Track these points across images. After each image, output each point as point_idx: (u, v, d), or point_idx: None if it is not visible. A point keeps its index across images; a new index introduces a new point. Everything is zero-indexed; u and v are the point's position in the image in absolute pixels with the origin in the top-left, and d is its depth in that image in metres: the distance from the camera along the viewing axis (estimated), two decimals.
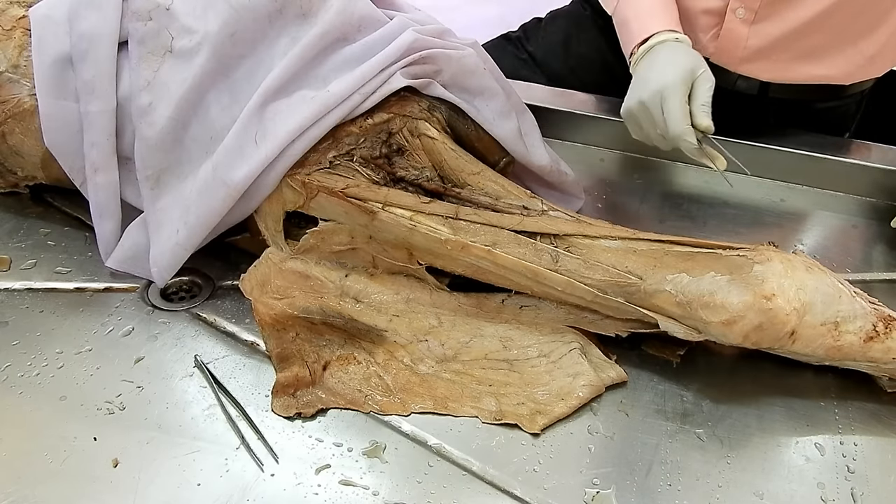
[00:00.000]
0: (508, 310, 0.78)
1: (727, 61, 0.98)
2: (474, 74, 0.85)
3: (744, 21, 0.95)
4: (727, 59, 0.97)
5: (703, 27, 0.97)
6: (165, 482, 0.62)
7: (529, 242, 0.74)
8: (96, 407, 0.68)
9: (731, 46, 0.97)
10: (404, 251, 0.78)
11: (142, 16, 0.78)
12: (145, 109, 0.76)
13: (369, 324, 0.76)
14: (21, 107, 0.81)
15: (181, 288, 0.81)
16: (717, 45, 0.97)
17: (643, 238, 0.73)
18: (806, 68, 0.97)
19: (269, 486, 0.62)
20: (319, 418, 0.68)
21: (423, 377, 0.71)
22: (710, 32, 0.97)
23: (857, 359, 0.69)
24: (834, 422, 0.70)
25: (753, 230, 0.94)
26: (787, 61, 0.96)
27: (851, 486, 0.65)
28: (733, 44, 0.96)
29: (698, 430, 0.69)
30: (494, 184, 0.80)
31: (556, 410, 0.69)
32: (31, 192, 0.90)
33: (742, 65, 0.98)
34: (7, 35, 0.82)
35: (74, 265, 0.82)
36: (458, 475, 0.64)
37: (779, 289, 0.66)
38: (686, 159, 1.03)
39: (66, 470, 0.63)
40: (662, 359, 0.75)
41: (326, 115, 0.77)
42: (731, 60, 0.98)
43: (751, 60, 0.97)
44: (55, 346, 0.73)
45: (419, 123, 0.82)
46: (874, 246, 0.92)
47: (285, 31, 0.81)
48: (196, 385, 0.70)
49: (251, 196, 0.77)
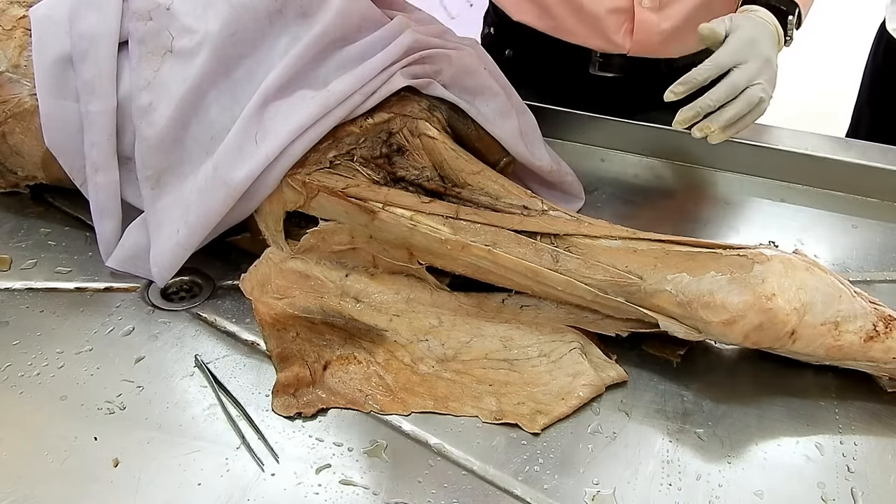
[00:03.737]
0: (508, 309, 0.78)
1: (646, 50, 1.01)
2: (474, 74, 0.85)
3: (651, 9, 0.98)
4: (646, 48, 1.01)
5: (614, 27, 1.00)
6: (166, 482, 0.62)
7: (530, 242, 0.74)
8: (97, 407, 0.68)
9: (647, 36, 1.00)
10: (404, 251, 0.78)
11: (142, 16, 0.78)
12: (145, 109, 0.77)
13: (370, 323, 0.76)
14: (21, 106, 0.81)
15: (181, 288, 0.81)
16: (633, 40, 1.00)
17: (643, 238, 0.73)
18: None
19: (269, 485, 0.62)
20: (320, 418, 0.68)
21: (424, 377, 0.71)
22: (622, 30, 1.00)
23: (857, 358, 0.69)
24: (834, 422, 0.70)
25: (753, 230, 0.94)
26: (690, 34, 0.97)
27: (851, 486, 0.65)
28: (648, 33, 1.00)
29: (698, 429, 0.69)
30: (495, 184, 0.80)
31: (556, 410, 0.69)
32: (31, 192, 0.90)
33: (660, 50, 1.01)
34: (7, 35, 0.83)
35: (75, 265, 0.82)
36: (459, 475, 0.64)
37: (779, 288, 0.66)
38: (686, 159, 1.04)
39: (67, 470, 0.63)
40: (663, 359, 0.75)
41: (327, 115, 0.77)
42: (650, 48, 1.01)
43: (667, 43, 1.00)
44: (55, 346, 0.73)
45: (419, 123, 0.82)
46: (874, 246, 0.91)
47: (286, 30, 0.81)
48: (196, 385, 0.70)
49: (251, 196, 0.77)
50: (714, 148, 1.01)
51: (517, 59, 1.12)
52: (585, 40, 1.03)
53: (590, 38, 1.02)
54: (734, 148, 1.01)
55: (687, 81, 0.83)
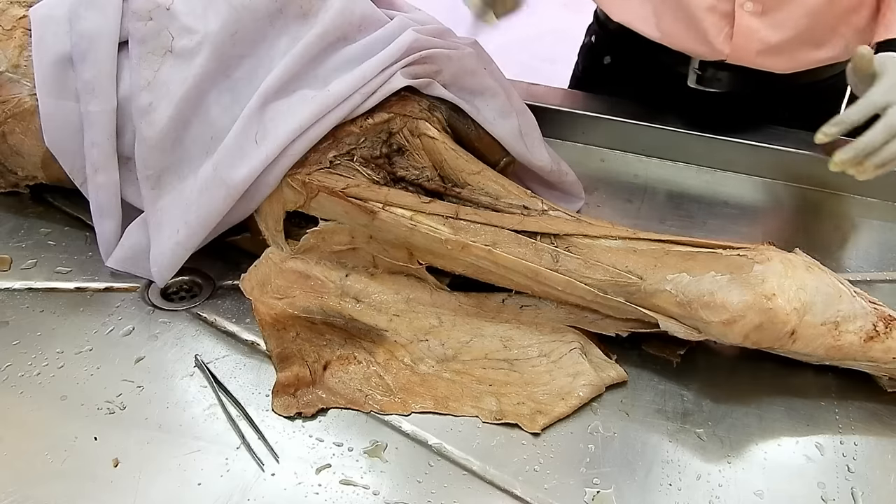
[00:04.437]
0: (509, 309, 0.78)
1: (744, 58, 0.98)
2: (474, 74, 0.85)
3: (753, 14, 0.95)
4: (743, 55, 0.98)
5: (714, 30, 0.97)
6: (166, 482, 0.62)
7: (530, 242, 0.74)
8: (97, 407, 0.68)
9: (746, 42, 0.97)
10: (404, 251, 0.78)
11: (142, 16, 0.78)
12: (146, 109, 0.76)
13: (370, 323, 0.76)
14: (21, 107, 0.81)
15: (181, 288, 0.81)
16: (732, 44, 0.97)
17: (643, 238, 0.73)
18: (816, 53, 0.97)
19: (269, 485, 0.62)
20: (320, 418, 0.68)
21: (424, 377, 0.71)
22: (722, 34, 0.97)
23: (857, 358, 0.69)
24: (834, 422, 0.70)
25: (753, 230, 0.94)
26: (798, 49, 0.97)
27: (851, 486, 0.65)
28: (747, 39, 0.97)
29: (698, 429, 0.69)
30: (495, 183, 0.80)
31: (556, 410, 0.69)
32: (31, 192, 0.90)
33: (758, 59, 0.98)
34: (7, 35, 0.82)
35: (75, 265, 0.82)
36: (459, 475, 0.64)
37: (779, 288, 0.66)
38: (686, 159, 1.04)
39: (67, 470, 0.63)
40: (662, 359, 0.75)
41: (327, 115, 0.77)
42: (748, 56, 0.98)
43: (765, 54, 0.97)
44: (55, 346, 0.73)
45: (419, 123, 0.82)
46: (874, 246, 0.92)
47: (286, 30, 0.81)
48: (196, 385, 0.70)
49: (251, 196, 0.77)
50: (714, 149, 1.02)
51: (615, 66, 1.11)
52: (684, 43, 1.00)
53: (688, 40, 0.99)
54: (734, 148, 1.01)
55: (840, 122, 0.83)
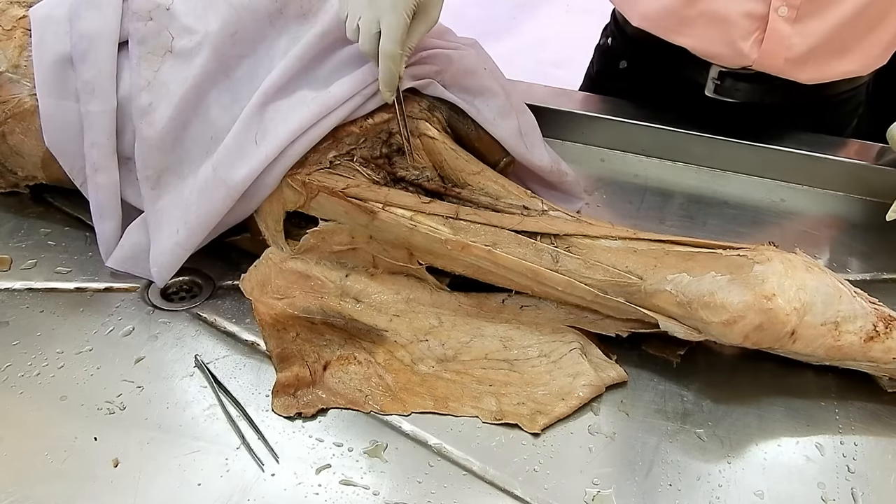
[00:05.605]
0: (508, 310, 0.78)
1: (771, 65, 0.95)
2: (475, 74, 0.85)
3: (786, 19, 0.92)
4: (771, 63, 0.95)
5: (744, 33, 0.94)
6: (166, 482, 0.62)
7: (530, 242, 0.74)
8: (97, 407, 0.68)
9: (776, 48, 0.94)
10: (404, 251, 0.78)
11: (142, 16, 0.78)
12: (146, 109, 0.77)
13: (370, 324, 0.76)
14: (21, 107, 0.81)
15: (181, 288, 0.81)
16: (761, 49, 0.94)
17: (643, 238, 0.73)
18: (839, 65, 0.96)
19: (269, 485, 0.62)
20: (320, 418, 0.68)
21: (424, 377, 0.71)
22: (751, 38, 0.94)
23: (857, 359, 0.69)
24: (834, 422, 0.70)
25: (753, 230, 0.94)
26: (824, 59, 0.95)
27: (851, 486, 0.65)
28: (777, 46, 0.94)
29: (698, 429, 0.69)
30: (495, 184, 0.80)
31: (556, 410, 0.69)
32: (31, 192, 0.90)
33: (785, 67, 0.95)
34: (7, 35, 0.82)
35: (75, 265, 0.82)
36: (459, 475, 0.64)
37: (779, 289, 0.66)
38: (686, 159, 1.04)
39: (67, 470, 0.63)
40: (662, 359, 0.75)
41: (327, 117, 0.77)
42: (776, 63, 0.95)
43: (794, 62, 0.95)
44: (55, 346, 0.73)
45: (419, 123, 0.82)
46: (874, 246, 0.91)
47: (286, 31, 0.81)
48: (196, 385, 0.70)
49: (251, 196, 0.77)
50: (714, 149, 1.01)
51: (630, 71, 1.09)
52: (710, 48, 0.96)
53: (713, 43, 0.96)
54: (734, 148, 1.01)
55: None
